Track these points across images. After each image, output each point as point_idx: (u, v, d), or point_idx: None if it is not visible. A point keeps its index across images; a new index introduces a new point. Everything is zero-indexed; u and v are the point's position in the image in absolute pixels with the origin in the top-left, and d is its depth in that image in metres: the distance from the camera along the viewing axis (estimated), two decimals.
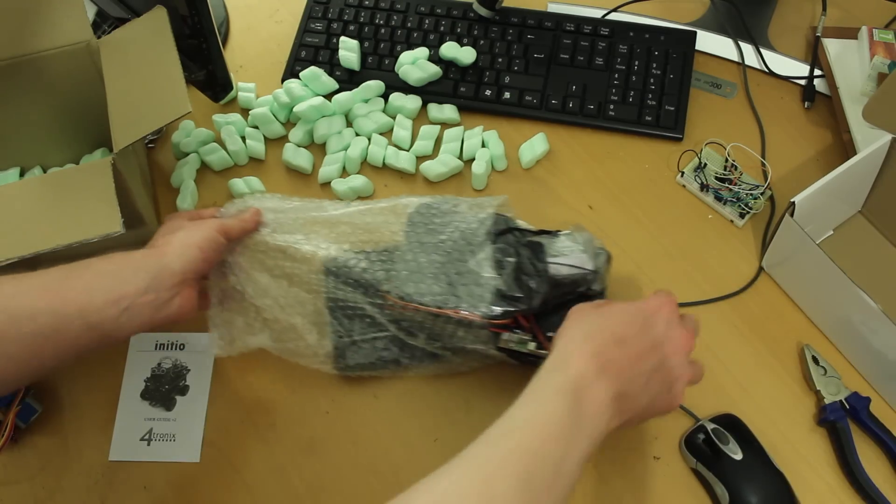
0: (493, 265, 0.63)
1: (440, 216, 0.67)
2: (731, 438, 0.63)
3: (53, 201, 0.63)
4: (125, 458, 0.69)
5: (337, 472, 0.67)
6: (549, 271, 0.62)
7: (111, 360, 0.74)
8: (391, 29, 0.89)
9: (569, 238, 0.64)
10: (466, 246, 0.64)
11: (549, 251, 0.63)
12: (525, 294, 0.61)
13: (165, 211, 0.81)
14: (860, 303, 0.62)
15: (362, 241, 0.67)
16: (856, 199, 0.75)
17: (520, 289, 0.61)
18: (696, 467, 0.64)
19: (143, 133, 0.66)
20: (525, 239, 0.65)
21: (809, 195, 0.66)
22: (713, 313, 0.72)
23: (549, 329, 0.61)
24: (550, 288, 0.61)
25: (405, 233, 0.66)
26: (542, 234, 0.66)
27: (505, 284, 0.62)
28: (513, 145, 0.82)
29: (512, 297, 0.61)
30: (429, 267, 0.64)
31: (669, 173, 0.80)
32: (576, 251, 0.63)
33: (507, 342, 0.62)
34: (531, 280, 0.61)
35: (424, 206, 0.68)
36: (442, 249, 0.65)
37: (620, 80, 0.84)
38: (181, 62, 0.69)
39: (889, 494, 0.63)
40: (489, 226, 0.65)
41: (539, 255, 0.63)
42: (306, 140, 0.84)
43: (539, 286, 0.61)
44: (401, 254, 0.65)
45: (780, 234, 0.69)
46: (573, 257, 0.63)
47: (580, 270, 0.62)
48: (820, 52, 0.84)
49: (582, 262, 0.63)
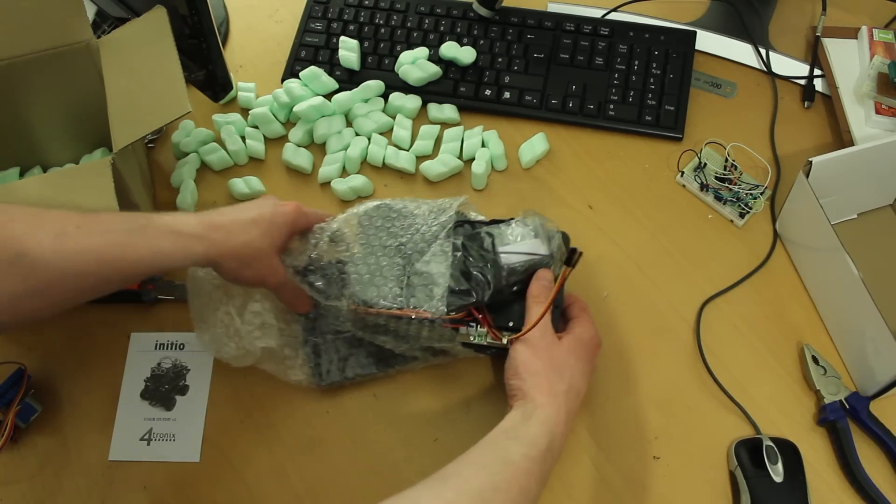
0: (443, 261, 0.63)
1: (400, 219, 0.67)
2: (780, 460, 0.63)
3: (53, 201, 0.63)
4: (125, 458, 0.69)
5: (337, 472, 0.67)
6: (500, 261, 0.61)
7: (111, 359, 0.74)
8: (391, 29, 0.89)
9: (519, 224, 0.64)
10: (427, 248, 0.64)
11: (501, 240, 0.63)
12: (473, 287, 0.61)
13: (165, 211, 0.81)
14: (849, 274, 0.63)
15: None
16: (888, 190, 0.76)
17: (468, 282, 0.61)
18: (735, 471, 0.64)
19: (142, 133, 0.66)
20: (473, 231, 0.64)
21: (828, 161, 0.67)
22: (713, 313, 0.72)
23: (509, 319, 0.62)
24: (502, 278, 0.61)
25: (359, 237, 0.66)
26: (493, 224, 0.65)
27: (453, 279, 0.61)
28: (513, 145, 0.82)
29: (460, 290, 0.61)
30: (390, 270, 0.64)
31: (669, 173, 0.80)
32: (528, 237, 0.63)
33: (465, 336, 0.62)
34: (479, 272, 0.61)
35: (379, 208, 0.67)
36: (402, 252, 0.65)
37: (620, 80, 0.84)
38: (181, 62, 0.69)
39: (889, 494, 0.63)
40: (450, 227, 0.65)
41: (488, 246, 0.62)
42: (306, 140, 0.84)
43: (487, 278, 0.61)
44: (361, 258, 0.65)
45: (792, 195, 0.71)
46: (525, 244, 0.62)
47: (533, 256, 0.62)
48: (820, 51, 0.84)
49: (534, 247, 0.62)
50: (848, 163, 0.68)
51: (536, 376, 0.58)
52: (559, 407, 0.57)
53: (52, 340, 0.75)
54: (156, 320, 0.75)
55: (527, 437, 0.55)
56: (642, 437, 0.67)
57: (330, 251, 0.66)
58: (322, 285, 0.65)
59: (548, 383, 0.58)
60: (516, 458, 0.53)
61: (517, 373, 0.59)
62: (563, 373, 0.59)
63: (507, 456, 0.53)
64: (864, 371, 0.67)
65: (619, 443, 0.67)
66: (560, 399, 0.57)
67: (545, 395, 0.57)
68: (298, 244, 0.67)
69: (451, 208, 0.66)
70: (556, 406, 0.57)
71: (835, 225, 0.66)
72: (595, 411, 0.68)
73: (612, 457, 0.67)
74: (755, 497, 0.62)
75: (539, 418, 0.56)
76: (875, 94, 0.77)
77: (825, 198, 0.66)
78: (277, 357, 0.68)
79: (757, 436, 0.66)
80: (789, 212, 0.74)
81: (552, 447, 0.55)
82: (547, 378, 0.58)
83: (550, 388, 0.58)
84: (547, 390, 0.57)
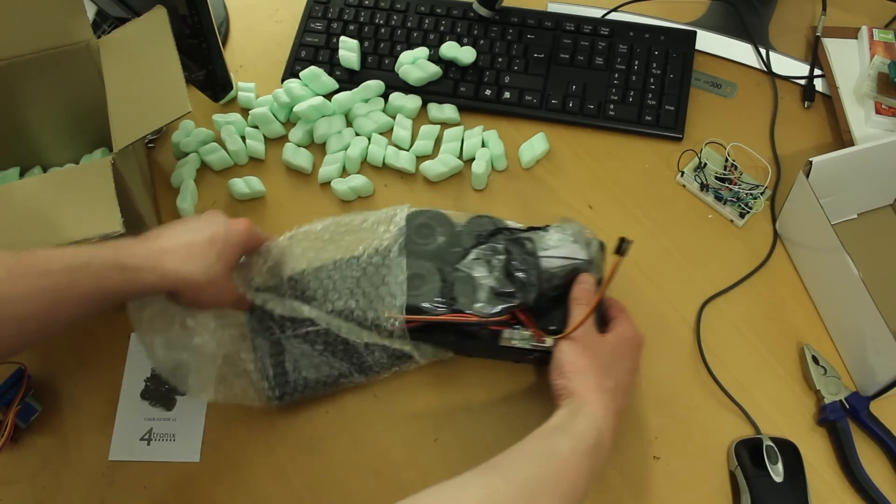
0: (483, 265, 0.63)
1: (349, 234, 0.67)
2: (780, 460, 0.63)
3: (53, 201, 0.63)
4: (125, 458, 0.69)
5: (337, 472, 0.67)
6: (542, 264, 0.62)
7: (111, 359, 0.74)
8: (391, 29, 0.89)
9: (558, 231, 0.65)
10: (382, 260, 0.65)
11: (540, 245, 0.63)
12: (518, 288, 0.61)
13: (165, 211, 0.81)
14: (849, 274, 0.63)
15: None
16: (888, 190, 0.76)
17: (512, 284, 0.61)
18: (735, 471, 0.64)
19: (143, 133, 0.66)
20: (514, 236, 0.65)
21: (828, 161, 0.67)
22: (713, 313, 0.72)
23: (550, 323, 0.62)
24: (544, 281, 0.61)
25: (318, 252, 0.67)
26: (531, 231, 0.66)
27: (497, 281, 0.62)
28: (513, 145, 0.82)
29: (505, 293, 0.61)
30: (342, 283, 0.65)
31: (669, 173, 0.80)
32: (567, 242, 0.63)
33: (507, 340, 0.62)
34: (523, 274, 0.61)
35: (328, 227, 0.68)
36: (355, 266, 0.65)
37: (620, 80, 0.84)
38: (181, 62, 0.69)
39: (889, 494, 0.63)
40: (402, 241, 0.65)
41: (529, 251, 0.63)
42: (306, 140, 0.84)
43: (532, 279, 0.61)
44: (313, 273, 0.66)
45: (792, 195, 0.71)
46: (564, 249, 0.63)
47: (573, 261, 0.62)
48: (820, 51, 0.84)
49: (574, 252, 0.63)
50: (848, 163, 0.68)
51: (583, 374, 0.58)
52: (607, 403, 0.56)
53: (53, 340, 0.75)
54: None
55: (575, 431, 0.54)
56: (642, 437, 0.67)
57: (279, 269, 0.66)
58: (275, 305, 0.65)
59: (595, 380, 0.57)
60: (564, 452, 0.52)
61: (563, 372, 0.58)
62: (610, 370, 0.59)
63: (555, 449, 0.53)
64: (864, 371, 0.67)
65: (619, 443, 0.67)
66: (607, 396, 0.57)
67: (592, 392, 0.57)
68: (250, 262, 0.66)
69: (400, 217, 0.66)
70: (604, 402, 0.56)
71: (835, 225, 0.66)
72: None
73: (612, 457, 0.66)
74: (755, 497, 0.62)
75: (587, 414, 0.55)
76: (875, 94, 0.78)
77: (825, 198, 0.66)
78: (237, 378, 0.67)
79: (757, 436, 0.66)
80: (789, 212, 0.74)
81: (600, 443, 0.54)
82: (594, 375, 0.58)
83: (598, 385, 0.57)
84: (594, 387, 0.57)
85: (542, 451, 0.53)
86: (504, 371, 0.70)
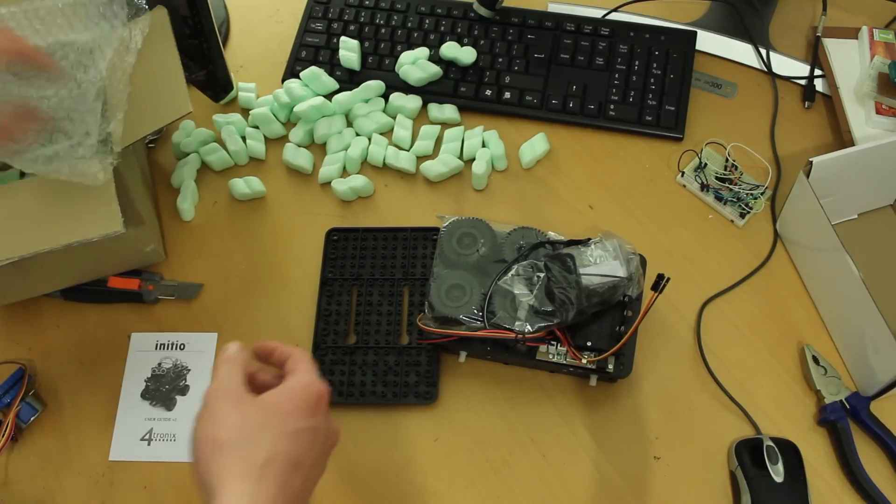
0: (523, 282, 0.64)
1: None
2: (780, 460, 0.63)
3: (53, 201, 0.63)
4: (125, 458, 0.69)
5: (337, 472, 0.67)
6: (582, 283, 0.62)
7: (111, 360, 0.74)
8: (391, 29, 0.89)
9: (599, 246, 0.65)
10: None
11: (581, 262, 0.64)
12: (558, 307, 0.62)
13: (165, 211, 0.81)
14: (850, 274, 0.63)
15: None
16: (888, 190, 0.76)
17: (552, 303, 0.63)
18: (735, 471, 0.64)
19: (143, 133, 0.66)
20: (555, 252, 0.66)
21: (828, 161, 0.67)
22: (713, 313, 0.72)
23: (588, 339, 0.63)
24: (583, 299, 0.62)
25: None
26: (572, 245, 0.66)
27: (537, 300, 0.63)
28: (513, 145, 0.82)
29: (545, 312, 0.62)
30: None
31: (669, 173, 0.80)
32: (607, 259, 0.64)
33: (544, 355, 0.64)
34: (563, 294, 0.62)
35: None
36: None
37: (621, 80, 0.84)
38: (181, 62, 0.69)
39: (889, 494, 0.63)
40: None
41: (570, 267, 0.63)
42: (307, 140, 0.84)
43: (572, 299, 0.62)
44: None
45: (792, 195, 0.71)
46: (605, 266, 0.63)
47: (613, 278, 0.63)
48: (820, 51, 0.84)
49: (614, 269, 0.63)
50: (848, 163, 0.68)
51: (220, 451, 0.48)
52: (256, 489, 0.46)
53: (53, 340, 0.75)
54: (156, 320, 0.75)
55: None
56: (642, 437, 0.67)
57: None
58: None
59: (238, 458, 0.47)
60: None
61: (196, 458, 0.49)
62: (262, 439, 0.48)
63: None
64: (865, 371, 0.67)
65: (619, 443, 0.67)
66: (259, 476, 0.46)
67: (233, 477, 0.47)
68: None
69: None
70: (250, 489, 0.46)
71: (835, 225, 0.66)
72: (595, 411, 0.68)
73: (612, 457, 0.67)
74: (756, 497, 0.62)
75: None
76: (875, 94, 0.77)
77: (825, 198, 0.66)
78: None
79: (757, 436, 0.66)
80: (790, 212, 0.74)
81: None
82: (237, 450, 0.48)
83: (245, 463, 0.47)
84: (237, 469, 0.47)
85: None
86: (504, 371, 0.70)
